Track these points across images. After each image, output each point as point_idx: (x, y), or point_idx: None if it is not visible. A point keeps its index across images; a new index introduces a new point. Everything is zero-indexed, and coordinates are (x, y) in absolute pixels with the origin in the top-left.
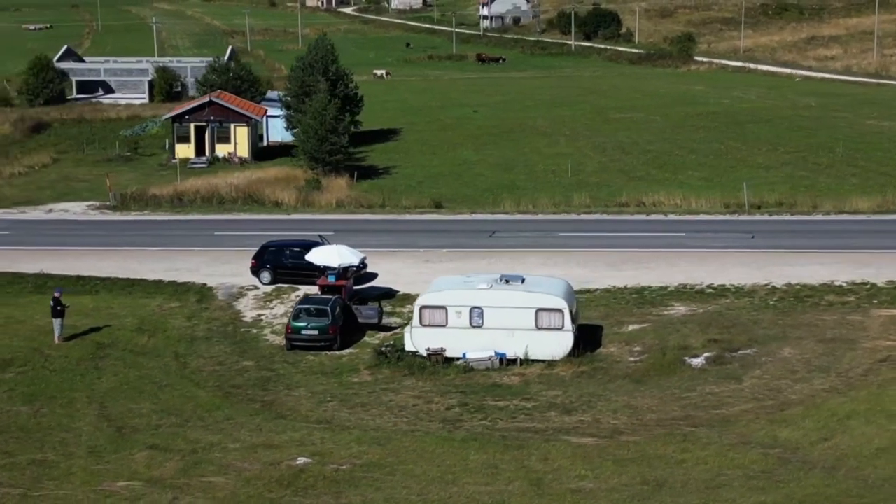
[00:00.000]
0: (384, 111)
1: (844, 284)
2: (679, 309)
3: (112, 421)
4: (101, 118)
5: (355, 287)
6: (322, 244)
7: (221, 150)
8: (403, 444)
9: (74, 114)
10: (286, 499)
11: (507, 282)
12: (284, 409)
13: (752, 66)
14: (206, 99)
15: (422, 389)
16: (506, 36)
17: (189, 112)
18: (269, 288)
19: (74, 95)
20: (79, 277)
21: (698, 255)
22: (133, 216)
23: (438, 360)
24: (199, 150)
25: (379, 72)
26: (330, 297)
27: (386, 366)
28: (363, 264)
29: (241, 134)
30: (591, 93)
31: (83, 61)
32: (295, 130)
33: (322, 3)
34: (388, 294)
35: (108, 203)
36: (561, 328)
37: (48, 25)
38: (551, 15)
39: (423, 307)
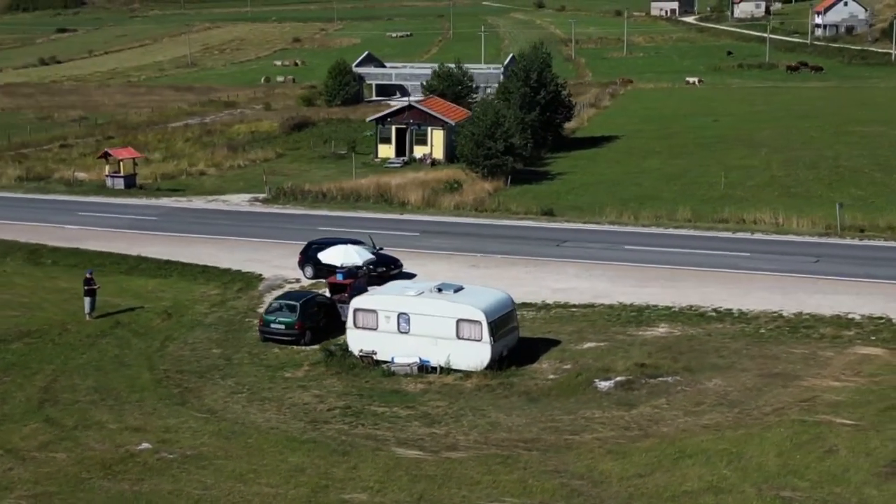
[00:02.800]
0: (625, 117)
1: (859, 317)
2: (658, 331)
3: (48, 393)
4: (361, 118)
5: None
6: (357, 244)
7: (420, 151)
8: (246, 440)
9: (343, 114)
10: (93, 481)
11: (439, 290)
12: (191, 397)
13: None
14: (406, 103)
15: (330, 389)
16: (832, 45)
17: (391, 115)
18: (308, 282)
19: (373, 97)
20: (167, 262)
21: (734, 277)
22: (272, 209)
23: (369, 363)
24: (400, 151)
25: (692, 79)
26: (311, 294)
27: (325, 364)
28: (396, 265)
29: (437, 137)
30: (858, 105)
31: (383, 66)
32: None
33: (666, 12)
34: None
35: (264, 196)
36: (479, 340)
37: (409, 34)
38: (886, 24)
39: (356, 310)
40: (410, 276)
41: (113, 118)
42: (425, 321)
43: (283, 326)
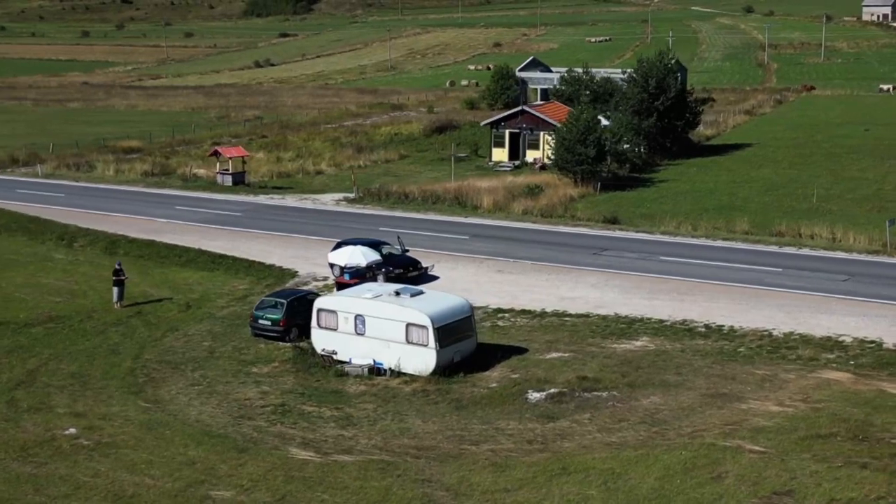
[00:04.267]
0: (775, 125)
1: (850, 340)
2: (634, 344)
3: (30, 376)
4: None
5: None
6: (381, 244)
7: (532, 155)
8: (164, 431)
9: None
10: (5, 462)
11: (396, 294)
12: (150, 387)
13: None
14: (520, 108)
15: (280, 386)
16: None
17: (505, 119)
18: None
19: (537, 101)
20: (221, 256)
21: (751, 293)
22: (352, 208)
23: (330, 363)
24: (513, 155)
25: (885, 86)
26: (301, 291)
27: (293, 361)
28: (415, 267)
29: (548, 141)
30: None
31: (549, 71)
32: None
33: (878, 17)
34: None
35: (351, 196)
36: (426, 345)
37: (608, 38)
38: None
39: (319, 310)
40: (433, 278)
41: (279, 118)
42: (379, 324)
43: (269, 323)
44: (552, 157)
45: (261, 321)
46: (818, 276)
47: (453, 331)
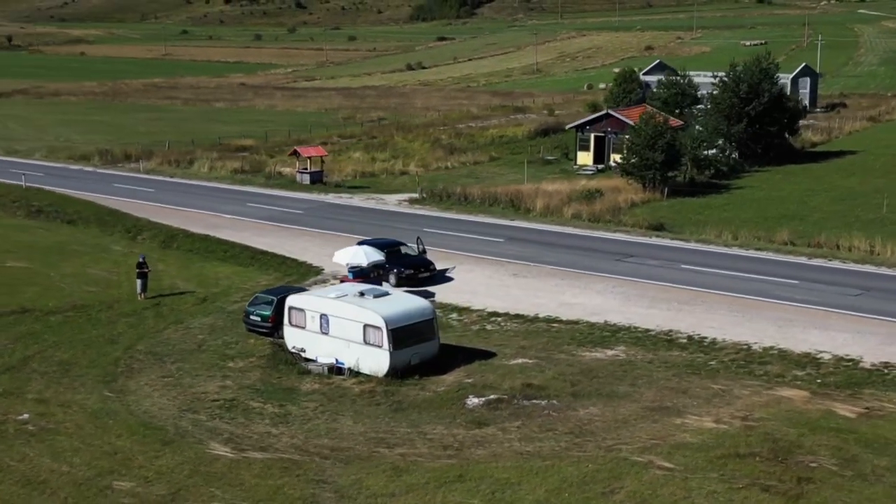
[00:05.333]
0: None
1: (828, 357)
2: (606, 353)
3: (23, 362)
4: None
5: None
6: (398, 245)
7: (616, 158)
8: (106, 421)
9: None
10: None
11: (361, 294)
12: (123, 378)
13: None
14: (604, 111)
15: (241, 382)
16: None
17: (590, 123)
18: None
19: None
20: (261, 252)
21: (752, 305)
22: (410, 208)
23: (299, 360)
24: (598, 158)
25: None
26: (295, 289)
27: (268, 357)
28: (426, 268)
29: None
30: None
31: (675, 74)
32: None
33: None
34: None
35: (416, 197)
36: (380, 346)
37: (763, 42)
38: None
39: (290, 307)
40: (448, 279)
41: (397, 120)
42: (341, 324)
43: (259, 319)
44: (619, 161)
45: (252, 317)
46: (832, 289)
47: (411, 333)
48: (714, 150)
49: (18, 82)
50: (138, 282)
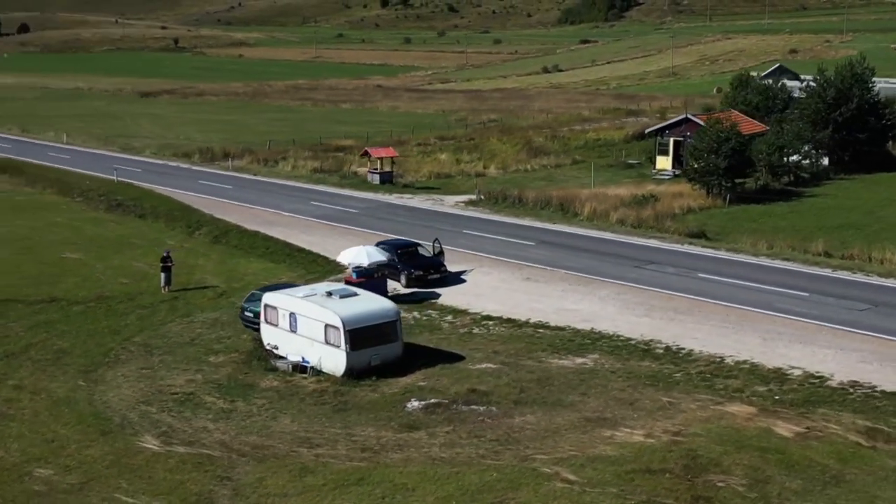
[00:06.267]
0: None
1: (798, 373)
2: (575, 361)
3: (25, 349)
4: None
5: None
6: (414, 245)
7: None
8: (56, 409)
9: None
10: None
11: (328, 294)
12: (102, 368)
13: None
14: (683, 116)
15: (208, 377)
16: None
17: (668, 127)
18: None
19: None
20: (298, 249)
21: (748, 316)
22: (463, 210)
23: (272, 357)
24: (677, 163)
25: None
26: (288, 286)
27: (248, 353)
28: (436, 269)
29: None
30: None
31: (797, 79)
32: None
33: None
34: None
35: (473, 198)
36: (339, 346)
37: None
38: None
39: (265, 305)
40: (461, 281)
41: (502, 122)
42: (307, 323)
43: (252, 315)
44: (666, 167)
45: (246, 313)
46: (840, 303)
47: (371, 334)
48: (797, 157)
49: (170, 82)
50: (162, 275)
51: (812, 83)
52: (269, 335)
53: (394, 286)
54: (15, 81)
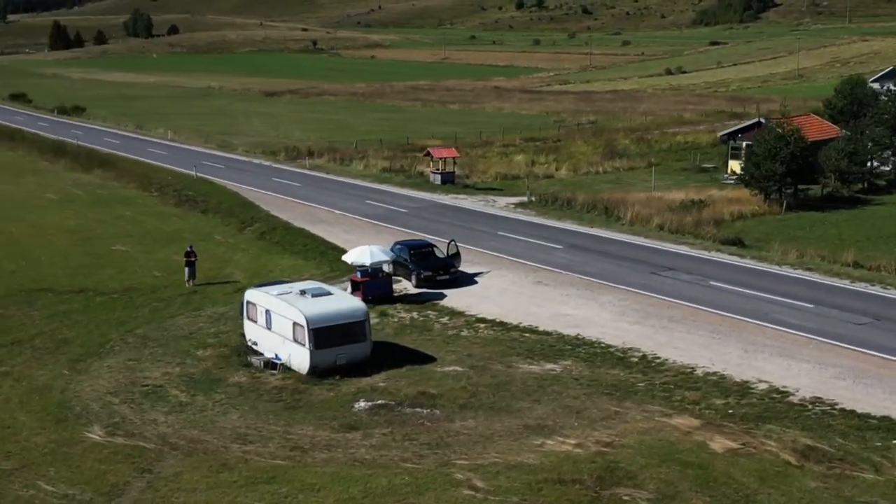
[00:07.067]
0: None
1: (764, 388)
2: (544, 367)
3: (34, 336)
4: None
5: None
6: (428, 247)
7: (735, 169)
8: (32, 397)
9: None
10: None
11: (301, 293)
12: (94, 359)
13: None
14: (756, 119)
15: (185, 371)
16: None
17: (741, 131)
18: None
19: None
20: (332, 248)
21: (739, 326)
22: (511, 212)
23: (251, 352)
24: None
25: None
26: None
27: (232, 348)
28: (445, 271)
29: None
30: None
31: None
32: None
33: None
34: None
35: (525, 201)
36: (304, 345)
37: None
38: None
39: (247, 301)
40: (472, 283)
41: (599, 124)
42: (279, 320)
43: None
44: (737, 171)
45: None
46: (843, 315)
47: (337, 334)
48: (875, 163)
49: (296, 82)
50: (186, 269)
51: (892, 87)
52: (250, 331)
53: (406, 286)
54: (155, 80)
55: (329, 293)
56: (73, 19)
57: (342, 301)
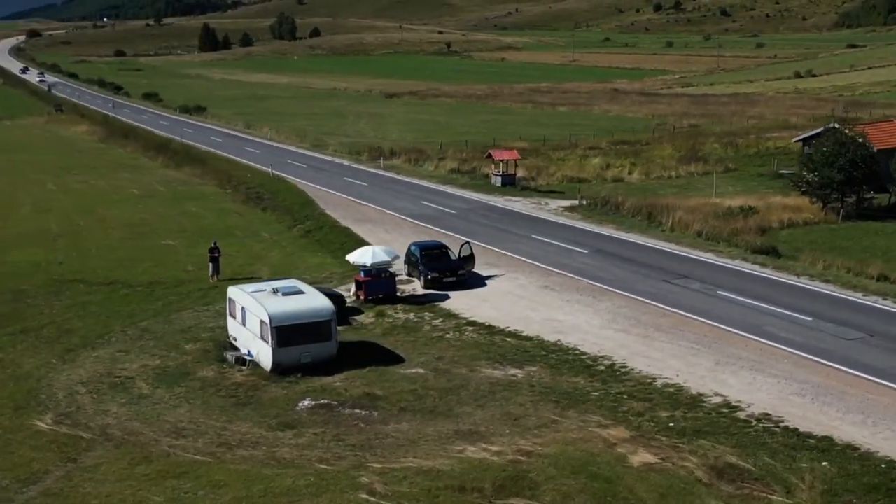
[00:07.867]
0: None
1: (717, 401)
2: (507, 372)
3: (46, 325)
4: None
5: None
6: (440, 248)
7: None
8: (7, 384)
9: None
10: None
11: (274, 291)
12: (87, 349)
13: None
14: (830, 125)
15: (163, 365)
16: None
17: (816, 136)
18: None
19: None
20: (361, 242)
21: (723, 338)
22: (557, 217)
23: (230, 348)
24: None
25: None
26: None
27: (216, 343)
28: (452, 272)
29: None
30: None
31: None
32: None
33: None
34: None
35: (576, 204)
36: (268, 342)
37: None
38: None
39: (229, 298)
40: (480, 286)
41: (700, 127)
42: (251, 318)
43: None
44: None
45: None
46: (837, 330)
47: (300, 332)
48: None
49: (418, 84)
50: (210, 265)
51: None
52: (231, 328)
53: (416, 286)
54: (289, 81)
55: (301, 292)
56: (222, 22)
57: (310, 300)
